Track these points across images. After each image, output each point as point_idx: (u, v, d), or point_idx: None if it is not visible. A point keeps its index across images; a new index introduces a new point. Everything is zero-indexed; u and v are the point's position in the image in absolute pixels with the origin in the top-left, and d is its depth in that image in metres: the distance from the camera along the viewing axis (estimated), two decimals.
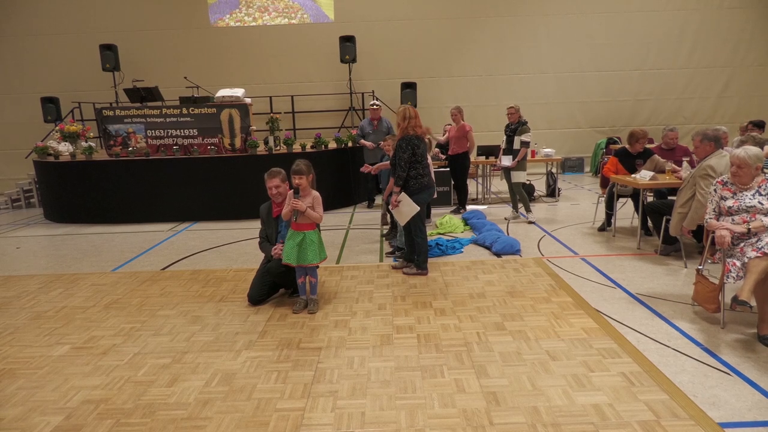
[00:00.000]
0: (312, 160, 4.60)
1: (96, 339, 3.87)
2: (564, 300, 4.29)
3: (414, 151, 4.88)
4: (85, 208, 8.33)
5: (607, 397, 2.83)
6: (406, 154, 4.85)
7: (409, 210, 4.94)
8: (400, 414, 2.76)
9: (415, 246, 5.10)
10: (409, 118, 4.94)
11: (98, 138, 9.48)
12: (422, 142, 5.02)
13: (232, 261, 5.89)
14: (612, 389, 2.91)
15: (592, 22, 11.72)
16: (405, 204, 4.93)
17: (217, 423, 2.74)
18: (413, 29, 11.78)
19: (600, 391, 2.89)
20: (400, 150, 4.89)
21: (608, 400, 2.80)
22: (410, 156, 4.87)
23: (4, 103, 12.01)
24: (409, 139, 4.90)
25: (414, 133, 4.93)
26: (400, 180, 4.89)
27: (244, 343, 3.71)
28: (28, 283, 5.30)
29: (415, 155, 4.89)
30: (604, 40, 11.78)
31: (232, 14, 11.86)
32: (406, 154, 4.85)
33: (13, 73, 11.94)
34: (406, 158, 4.86)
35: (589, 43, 11.79)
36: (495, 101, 11.70)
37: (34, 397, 3.07)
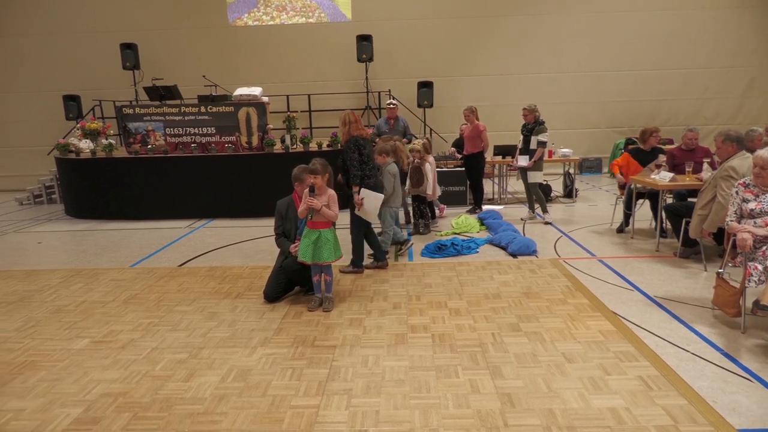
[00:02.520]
0: (328, 159, 4.62)
1: (115, 333, 3.93)
2: (580, 302, 4.25)
3: (360, 151, 5.08)
4: (104, 205, 8.47)
5: (623, 401, 2.80)
6: (355, 154, 5.06)
7: (376, 201, 5.08)
8: (414, 413, 2.76)
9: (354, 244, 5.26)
10: (350, 123, 5.19)
11: (118, 135, 9.61)
12: (368, 143, 5.25)
13: (248, 258, 5.94)
14: (629, 393, 2.87)
15: (612, 21, 11.58)
16: (368, 199, 5.04)
17: (232, 418, 2.76)
18: (431, 28, 11.75)
19: (617, 395, 2.86)
20: (349, 151, 5.10)
21: (625, 403, 2.77)
22: (358, 156, 5.08)
23: (27, 101, 12.24)
24: (355, 140, 5.10)
25: (359, 134, 5.16)
26: (357, 179, 5.02)
27: (260, 339, 3.74)
28: (50, 278, 5.40)
29: (362, 155, 5.09)
30: (624, 39, 11.63)
31: (250, 13, 11.94)
32: (355, 154, 5.07)
33: (36, 72, 12.17)
34: (356, 158, 5.05)
35: (608, 42, 11.65)
36: (512, 101, 11.59)
37: (54, 389, 3.13)
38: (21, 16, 11.98)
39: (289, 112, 8.83)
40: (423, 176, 6.42)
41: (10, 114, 12.33)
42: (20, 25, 12.01)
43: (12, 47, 12.09)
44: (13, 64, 12.17)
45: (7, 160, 12.51)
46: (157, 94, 8.94)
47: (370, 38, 11.02)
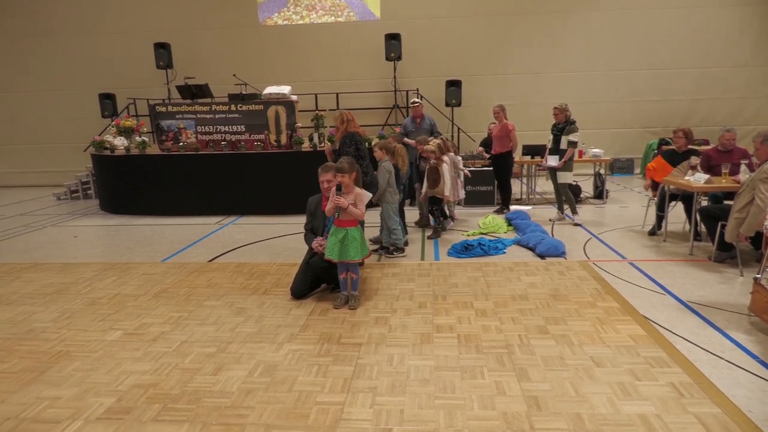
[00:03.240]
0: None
1: (146, 326, 4.03)
2: (610, 305, 4.17)
3: (357, 146, 5.22)
4: (137, 200, 8.68)
5: (654, 408, 2.73)
6: (351, 149, 5.21)
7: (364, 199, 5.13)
8: (438, 413, 2.75)
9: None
10: (348, 121, 5.37)
11: (151, 133, 9.82)
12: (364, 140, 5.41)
13: (275, 255, 6.01)
14: (660, 399, 2.81)
15: (647, 19, 11.30)
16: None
17: (259, 412, 2.80)
18: (459, 26, 11.67)
19: (647, 401, 2.80)
20: (345, 146, 5.25)
21: (656, 410, 2.71)
22: (355, 151, 5.21)
23: (65, 99, 12.63)
24: (352, 135, 5.26)
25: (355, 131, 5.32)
26: None
27: (286, 335, 3.78)
28: (85, 271, 5.56)
29: (359, 150, 5.22)
30: (660, 36, 11.34)
31: (280, 13, 12.07)
32: (351, 149, 5.21)
33: (73, 71, 12.55)
34: (351, 152, 5.19)
35: (642, 40, 11.38)
36: (542, 100, 11.45)
37: (88, 379, 3.23)
38: (59, 17, 12.37)
39: (318, 111, 8.89)
40: (440, 177, 6.34)
41: (49, 112, 12.74)
42: (58, 26, 12.40)
43: (50, 47, 12.49)
44: (52, 63, 12.57)
45: (45, 157, 12.93)
46: (189, 93, 9.11)
47: (398, 37, 11.01)
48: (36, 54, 12.54)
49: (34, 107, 12.77)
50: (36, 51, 12.52)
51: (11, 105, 12.81)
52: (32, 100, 12.75)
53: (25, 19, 12.41)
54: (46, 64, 12.57)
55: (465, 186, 8.41)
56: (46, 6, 12.34)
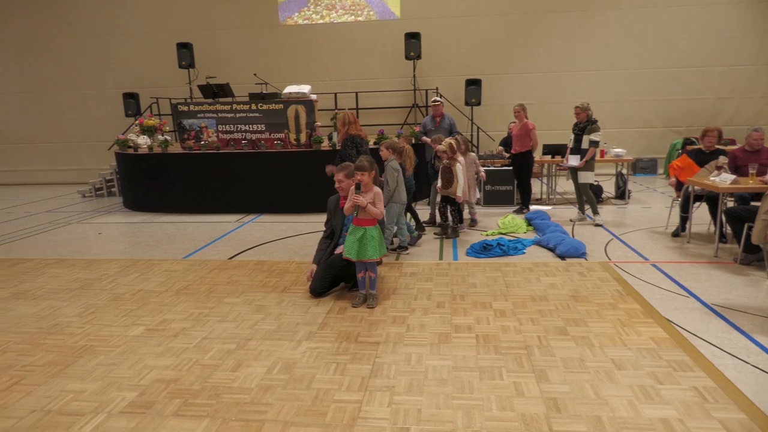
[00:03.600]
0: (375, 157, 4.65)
1: (167, 322, 4.09)
2: (632, 307, 4.11)
3: (358, 149, 5.25)
4: (160, 198, 8.81)
5: (677, 412, 2.68)
6: (352, 152, 5.24)
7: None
8: (456, 414, 2.74)
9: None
10: (349, 123, 5.40)
11: (173, 132, 9.97)
12: (365, 142, 5.39)
13: (294, 253, 6.05)
14: (683, 404, 2.76)
15: (670, 16, 11.09)
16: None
17: (277, 409, 2.82)
18: (479, 25, 11.60)
19: (669, 405, 2.75)
20: (347, 148, 5.29)
21: (678, 415, 2.66)
22: (356, 153, 5.24)
23: (89, 98, 12.89)
24: (353, 138, 5.29)
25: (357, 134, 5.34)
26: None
27: (305, 333, 3.80)
28: (108, 267, 5.66)
29: (359, 153, 5.24)
30: (683, 34, 11.12)
31: (300, 12, 12.13)
32: (352, 151, 5.25)
33: (98, 71, 12.79)
34: (353, 155, 5.23)
35: (665, 38, 11.18)
36: (562, 99, 11.32)
37: (111, 373, 3.29)
38: (85, 18, 12.61)
39: (337, 110, 8.92)
40: (453, 177, 6.30)
41: (75, 111, 13.00)
42: (84, 26, 12.64)
43: (76, 47, 12.75)
44: (78, 63, 12.83)
45: (71, 155, 13.21)
46: (210, 92, 9.22)
47: (418, 36, 10.99)
48: (63, 54, 12.81)
49: (60, 106, 13.05)
50: (63, 51, 12.80)
51: (38, 104, 13.11)
52: (58, 100, 13.03)
53: (53, 20, 12.69)
54: (72, 64, 12.84)
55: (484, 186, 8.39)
56: (74, 7, 12.59)
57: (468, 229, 6.94)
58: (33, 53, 12.91)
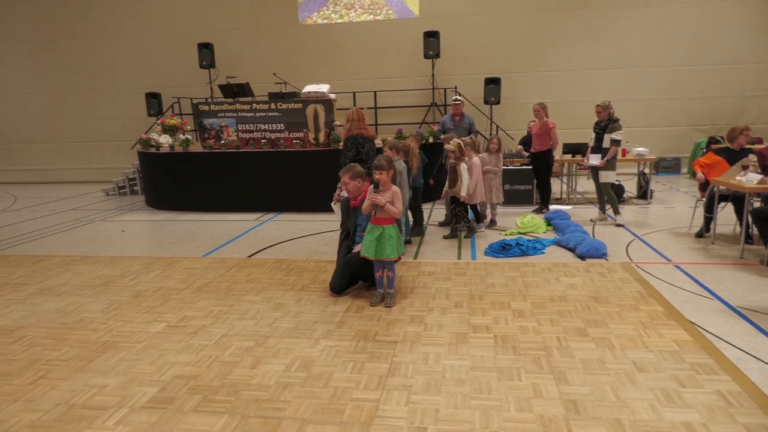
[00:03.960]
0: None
1: (188, 319, 4.15)
2: (654, 309, 4.04)
3: (358, 149, 5.22)
4: (181, 197, 8.94)
5: (700, 416, 2.63)
6: (351, 153, 5.23)
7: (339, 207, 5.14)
8: (474, 414, 2.73)
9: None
10: (353, 121, 5.33)
11: (194, 131, 10.09)
12: (368, 142, 5.36)
13: (312, 252, 6.08)
14: (706, 408, 2.70)
15: (694, 13, 10.87)
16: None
17: (295, 407, 2.84)
18: (499, 23, 11.52)
19: (692, 409, 2.70)
20: (345, 149, 5.27)
21: (701, 419, 2.61)
22: (355, 155, 5.22)
23: (113, 98, 13.12)
24: (354, 138, 5.24)
25: (359, 133, 5.28)
26: None
27: (323, 332, 3.82)
28: (131, 264, 5.76)
29: (359, 153, 5.23)
30: (708, 31, 10.88)
31: (319, 12, 12.19)
32: (351, 152, 5.23)
33: (121, 71, 13.01)
34: (351, 156, 5.23)
35: (689, 35, 10.95)
36: (583, 97, 11.18)
37: (133, 369, 3.35)
38: (106, 19, 12.84)
39: None
40: (458, 176, 6.27)
41: (99, 111, 13.25)
42: (108, 28, 12.87)
43: (100, 49, 12.98)
44: (101, 64, 13.06)
45: (95, 154, 13.47)
46: (230, 92, 9.32)
47: (437, 34, 10.96)
48: (87, 55, 13.06)
49: (85, 106, 13.31)
50: (88, 52, 13.05)
51: (64, 104, 13.39)
52: (84, 100, 13.30)
53: (78, 22, 12.94)
54: (97, 64, 13.08)
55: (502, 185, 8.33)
56: (97, 10, 12.83)
57: (486, 230, 6.89)
58: (60, 54, 13.18)
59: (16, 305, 4.59)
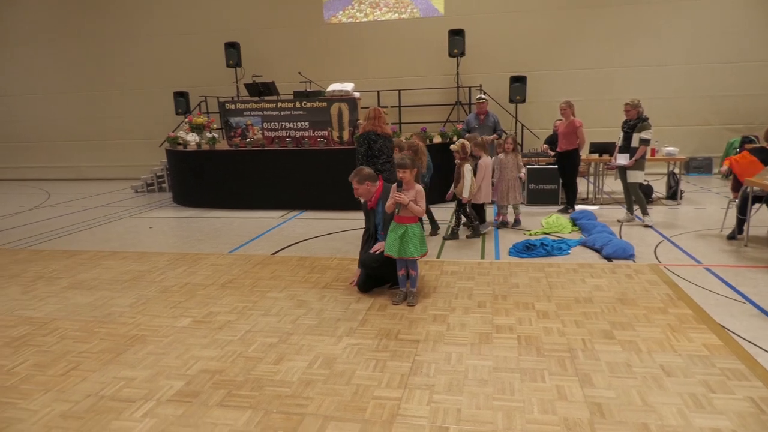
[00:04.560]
0: None
1: (213, 314, 4.21)
2: (683, 312, 3.95)
3: (370, 145, 5.25)
4: (207, 194, 9.07)
5: (730, 423, 2.57)
6: (362, 148, 5.27)
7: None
8: (496, 415, 2.71)
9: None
10: (369, 119, 5.35)
11: (221, 129, 10.23)
12: (381, 138, 5.32)
13: (335, 250, 6.11)
14: (737, 414, 2.63)
15: (727, 9, 10.55)
16: None
17: (317, 403, 2.86)
18: (525, 21, 11.38)
19: (722, 415, 2.63)
20: (357, 145, 5.33)
21: (732, 426, 2.54)
22: (366, 150, 5.25)
23: (142, 97, 13.39)
24: (367, 135, 5.28)
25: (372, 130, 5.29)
26: None
27: (345, 329, 3.84)
28: (158, 260, 5.88)
29: (371, 149, 5.25)
30: (743, 27, 10.56)
31: (345, 11, 12.22)
32: (363, 148, 5.27)
33: (150, 70, 13.27)
34: (362, 152, 5.28)
35: (722, 31, 10.63)
36: (611, 95, 10.97)
37: (160, 362, 3.42)
38: (138, 21, 13.10)
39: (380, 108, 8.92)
40: (461, 177, 6.17)
41: (127, 109, 13.54)
42: (137, 28, 13.13)
43: (131, 49, 13.26)
44: (132, 64, 13.34)
45: (124, 151, 13.77)
46: (256, 90, 9.42)
47: (462, 32, 10.88)
48: (117, 55, 13.35)
49: (116, 105, 13.61)
50: (117, 52, 13.34)
51: (96, 103, 13.71)
52: (113, 99, 13.60)
53: (110, 23, 13.23)
54: (127, 64, 13.36)
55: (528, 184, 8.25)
56: (126, 10, 13.10)
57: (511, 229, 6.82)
58: (91, 55, 13.50)
59: (49, 298, 4.73)
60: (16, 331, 4.03)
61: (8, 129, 14.32)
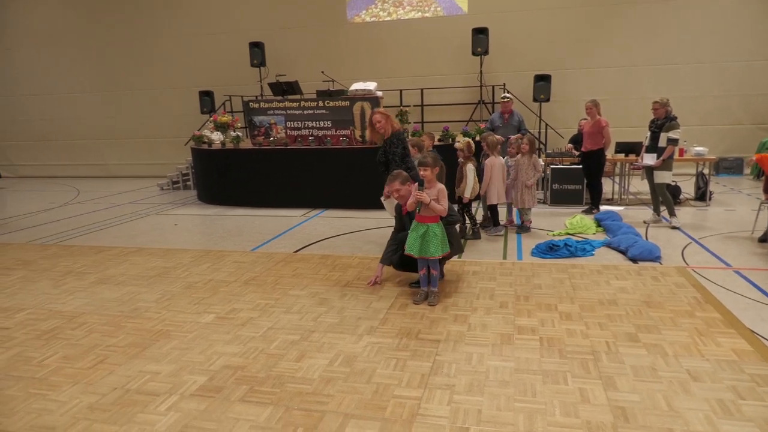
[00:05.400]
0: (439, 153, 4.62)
1: (236, 311, 4.26)
2: (711, 315, 3.86)
3: (404, 145, 5.13)
4: (231, 192, 9.19)
5: (759, 430, 2.50)
6: (399, 149, 5.11)
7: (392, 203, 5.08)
8: (518, 416, 2.68)
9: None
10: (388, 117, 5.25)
11: (245, 128, 10.35)
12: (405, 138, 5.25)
13: (357, 249, 6.13)
14: (767, 422, 2.56)
15: (761, 5, 10.25)
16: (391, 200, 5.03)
17: (338, 401, 2.88)
18: (549, 19, 11.23)
19: (751, 423, 2.56)
20: (393, 146, 5.12)
21: None
22: (402, 150, 5.12)
23: (168, 96, 13.62)
24: (399, 134, 5.15)
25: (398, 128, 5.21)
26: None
27: (366, 328, 3.85)
28: (183, 257, 5.97)
29: (405, 149, 5.15)
30: None
31: (368, 10, 12.24)
32: (399, 149, 5.11)
33: (176, 70, 13.49)
34: (399, 152, 5.11)
35: (755, 27, 10.32)
36: (638, 94, 10.77)
37: (184, 357, 3.47)
38: (164, 21, 13.32)
39: (402, 107, 8.93)
40: (463, 176, 6.12)
41: (154, 108, 13.79)
42: (164, 28, 13.36)
43: (157, 49, 13.49)
44: (156, 63, 13.58)
45: (151, 150, 14.03)
46: (279, 90, 9.49)
47: (486, 31, 10.80)
48: (144, 55, 13.61)
49: (143, 104, 13.88)
50: (144, 53, 13.59)
51: (124, 102, 14.01)
52: (140, 97, 13.87)
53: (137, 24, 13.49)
54: (154, 64, 13.61)
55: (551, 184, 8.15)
56: (154, 11, 13.34)
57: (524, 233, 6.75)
58: (119, 55, 13.78)
59: (78, 293, 4.85)
60: (46, 324, 4.14)
61: (40, 127, 14.72)
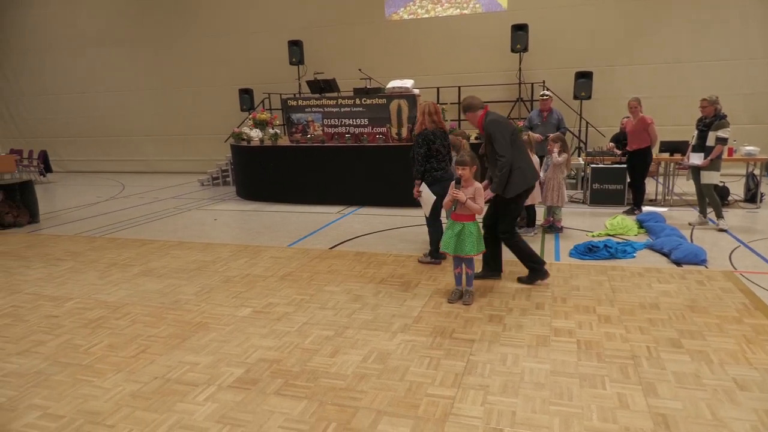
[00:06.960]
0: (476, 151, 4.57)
1: (272, 306, 4.33)
2: (760, 322, 3.69)
3: (429, 146, 5.02)
4: (269, 188, 9.34)
5: None
6: (422, 150, 5.03)
7: (428, 199, 5.08)
8: (553, 420, 2.64)
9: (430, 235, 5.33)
10: (428, 114, 5.08)
11: (283, 126, 10.49)
12: (439, 138, 5.09)
13: (392, 246, 6.13)
14: None
15: None
16: (424, 194, 5.08)
17: (371, 398, 2.89)
18: (592, 14, 10.95)
19: None
20: (417, 146, 5.06)
21: None
22: (426, 151, 5.02)
23: (209, 94, 13.95)
24: (425, 134, 5.04)
25: (434, 128, 5.07)
26: (419, 174, 5.11)
27: (400, 326, 3.85)
28: (222, 251, 6.11)
29: (430, 150, 5.03)
30: None
31: (406, 7, 12.21)
32: (422, 149, 5.02)
33: (217, 68, 13.80)
34: (422, 153, 5.03)
35: None
36: (684, 91, 10.38)
37: (221, 350, 3.55)
38: (205, 20, 13.63)
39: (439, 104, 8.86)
40: None
41: (195, 106, 14.14)
42: (206, 27, 13.68)
43: (198, 47, 13.83)
44: (200, 62, 13.92)
45: (192, 146, 14.41)
46: (317, 87, 9.59)
47: (525, 27, 10.62)
48: (187, 54, 13.97)
49: (185, 102, 14.26)
50: (187, 51, 13.95)
51: (166, 100, 14.43)
52: (182, 95, 14.25)
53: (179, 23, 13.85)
54: (195, 63, 13.96)
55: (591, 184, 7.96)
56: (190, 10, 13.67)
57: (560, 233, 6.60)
58: (162, 54, 14.20)
59: (122, 284, 5.02)
60: (92, 313, 4.31)
61: (88, 124, 15.31)
